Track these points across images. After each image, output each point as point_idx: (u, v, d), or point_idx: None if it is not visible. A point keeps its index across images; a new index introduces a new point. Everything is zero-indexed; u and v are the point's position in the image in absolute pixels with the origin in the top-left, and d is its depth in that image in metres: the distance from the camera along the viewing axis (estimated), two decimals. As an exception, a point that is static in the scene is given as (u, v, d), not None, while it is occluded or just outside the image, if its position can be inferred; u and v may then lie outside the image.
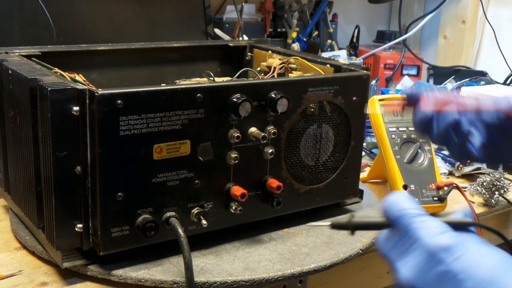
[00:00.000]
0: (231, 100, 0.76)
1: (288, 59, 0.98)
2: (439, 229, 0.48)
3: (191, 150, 0.75)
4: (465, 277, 0.44)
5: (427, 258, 0.47)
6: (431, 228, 0.48)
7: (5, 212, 0.94)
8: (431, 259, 0.46)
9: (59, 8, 1.25)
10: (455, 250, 0.46)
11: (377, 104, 1.04)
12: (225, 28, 1.60)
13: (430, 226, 0.48)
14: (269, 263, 0.78)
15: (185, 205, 0.77)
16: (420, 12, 2.08)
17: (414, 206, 0.51)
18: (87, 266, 0.75)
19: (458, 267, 0.45)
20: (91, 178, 0.71)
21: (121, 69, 1.02)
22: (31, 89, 0.72)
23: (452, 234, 0.47)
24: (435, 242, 0.47)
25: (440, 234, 0.47)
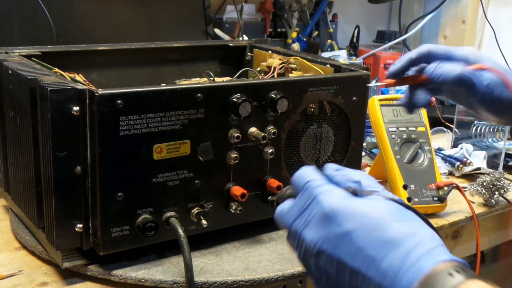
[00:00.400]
0: (231, 100, 0.76)
1: (288, 59, 0.98)
2: (340, 194, 0.52)
3: (191, 150, 0.75)
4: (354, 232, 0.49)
5: (327, 221, 0.51)
6: (333, 194, 0.52)
7: (5, 212, 0.94)
8: (331, 221, 0.50)
9: (59, 8, 1.25)
10: (349, 211, 0.50)
11: (377, 104, 1.04)
12: (225, 28, 1.60)
13: (333, 192, 0.52)
14: (269, 263, 0.78)
15: (185, 205, 0.77)
16: (420, 12, 2.08)
17: (319, 177, 0.55)
18: (87, 266, 0.75)
19: (350, 227, 0.49)
20: (91, 178, 0.71)
21: (121, 69, 1.02)
22: (31, 89, 0.72)
23: (350, 199, 0.51)
24: (334, 206, 0.51)
25: (340, 199, 0.51)
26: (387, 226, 0.49)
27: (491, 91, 0.72)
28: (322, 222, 0.51)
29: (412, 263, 0.46)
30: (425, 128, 1.03)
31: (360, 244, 0.49)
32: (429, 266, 0.45)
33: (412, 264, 0.46)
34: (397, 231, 0.48)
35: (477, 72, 0.72)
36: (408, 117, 1.05)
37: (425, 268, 0.45)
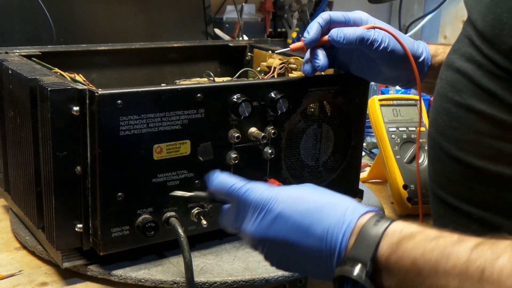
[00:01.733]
0: (231, 100, 0.76)
1: (288, 59, 0.98)
2: (262, 187, 0.60)
3: (191, 150, 0.75)
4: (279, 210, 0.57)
5: (259, 212, 0.58)
6: (256, 189, 0.60)
7: (5, 212, 0.94)
8: (261, 211, 0.58)
9: (59, 8, 1.25)
10: (274, 197, 0.58)
11: (377, 104, 1.04)
12: (225, 28, 1.60)
13: (255, 187, 0.61)
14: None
15: (185, 205, 0.77)
16: (420, 12, 2.08)
17: (238, 180, 0.63)
18: (87, 266, 0.75)
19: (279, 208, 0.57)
20: (91, 178, 0.71)
21: (121, 69, 1.02)
22: (31, 89, 0.72)
23: (272, 188, 0.60)
24: (260, 197, 0.59)
25: (263, 190, 0.59)
26: (311, 198, 0.57)
27: (386, 46, 0.80)
28: (255, 215, 0.59)
29: (341, 221, 0.54)
30: (425, 128, 1.03)
31: (292, 219, 0.56)
32: (354, 220, 0.54)
33: (342, 222, 0.54)
34: (320, 200, 0.57)
35: (372, 31, 0.80)
36: (408, 117, 1.05)
37: (352, 223, 0.54)
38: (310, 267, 0.57)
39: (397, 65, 0.83)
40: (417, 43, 0.85)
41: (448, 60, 0.71)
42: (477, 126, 0.64)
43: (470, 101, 0.65)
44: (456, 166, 0.67)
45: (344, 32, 0.79)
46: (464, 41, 0.67)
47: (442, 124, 0.69)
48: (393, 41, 0.81)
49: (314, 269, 0.57)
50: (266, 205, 0.58)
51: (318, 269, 0.56)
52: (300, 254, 0.56)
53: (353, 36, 0.79)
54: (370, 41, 0.79)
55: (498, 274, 0.45)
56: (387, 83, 1.06)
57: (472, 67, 0.65)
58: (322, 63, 0.80)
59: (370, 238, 0.52)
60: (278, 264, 0.60)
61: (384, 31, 0.81)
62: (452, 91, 0.68)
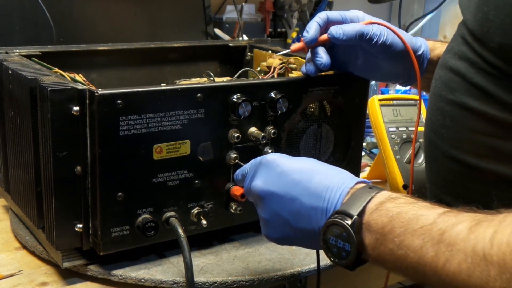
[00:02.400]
0: (231, 100, 0.76)
1: (288, 59, 0.98)
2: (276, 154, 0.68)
3: (191, 150, 0.75)
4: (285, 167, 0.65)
5: (268, 167, 0.66)
6: (270, 154, 0.68)
7: (5, 212, 0.94)
8: (270, 166, 0.66)
9: (59, 8, 1.25)
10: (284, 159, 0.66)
11: (377, 104, 1.04)
12: (225, 28, 1.60)
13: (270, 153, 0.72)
14: (269, 263, 0.78)
15: (185, 205, 0.77)
16: (420, 12, 2.08)
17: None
18: (87, 266, 0.75)
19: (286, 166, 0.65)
20: (91, 178, 0.71)
21: (121, 69, 1.02)
22: (31, 89, 0.72)
23: (276, 154, 0.68)
24: (272, 156, 0.67)
25: (276, 154, 0.68)
26: (314, 164, 0.65)
27: (385, 39, 0.81)
28: (264, 170, 0.66)
29: (340, 183, 0.61)
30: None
31: (295, 176, 0.63)
32: (352, 184, 0.60)
33: (341, 183, 0.61)
34: (322, 166, 0.64)
35: (370, 26, 0.81)
36: (408, 117, 1.05)
37: (349, 185, 0.60)
38: (303, 224, 0.62)
39: (397, 59, 0.84)
40: (415, 38, 0.86)
41: (443, 60, 0.71)
42: (470, 124, 0.65)
43: (463, 99, 0.65)
44: (452, 165, 0.68)
45: (343, 28, 0.80)
46: (457, 40, 0.68)
47: (437, 123, 0.70)
48: (391, 35, 0.81)
49: (305, 226, 0.62)
50: (275, 162, 0.66)
51: (309, 228, 0.61)
52: (297, 209, 0.62)
53: (352, 32, 0.79)
54: (369, 35, 0.80)
55: (455, 237, 0.50)
56: (387, 81, 1.06)
57: (465, 65, 0.65)
58: (324, 60, 0.81)
59: (362, 198, 0.58)
60: (272, 221, 0.65)
61: (382, 26, 0.81)
62: (446, 90, 0.68)
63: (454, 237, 0.50)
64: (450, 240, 0.50)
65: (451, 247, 0.50)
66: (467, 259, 0.48)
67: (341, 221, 0.57)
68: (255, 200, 0.68)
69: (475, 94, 0.64)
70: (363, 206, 0.57)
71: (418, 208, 0.55)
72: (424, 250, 0.52)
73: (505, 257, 0.46)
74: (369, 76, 0.89)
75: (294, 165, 0.65)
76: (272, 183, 0.65)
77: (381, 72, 0.86)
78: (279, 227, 0.65)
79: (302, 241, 0.64)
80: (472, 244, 0.49)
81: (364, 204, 0.57)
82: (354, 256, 0.57)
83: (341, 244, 0.57)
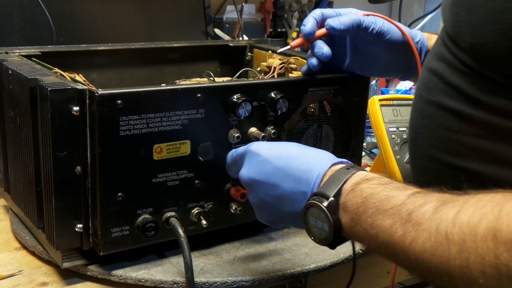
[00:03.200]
0: (231, 100, 0.76)
1: (288, 59, 0.98)
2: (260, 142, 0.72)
3: (191, 150, 0.75)
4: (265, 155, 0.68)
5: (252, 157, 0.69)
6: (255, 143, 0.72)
7: (5, 212, 0.94)
8: (254, 155, 0.69)
9: (59, 8, 1.25)
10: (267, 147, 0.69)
11: (377, 104, 1.04)
12: (225, 28, 1.60)
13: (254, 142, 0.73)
14: (269, 263, 0.78)
15: (185, 205, 0.77)
16: (420, 12, 2.08)
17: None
18: (87, 266, 0.75)
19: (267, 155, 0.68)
20: (91, 178, 0.71)
21: (121, 69, 1.02)
22: (31, 89, 0.72)
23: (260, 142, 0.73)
24: (255, 146, 0.70)
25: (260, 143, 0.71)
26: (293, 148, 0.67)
27: (382, 27, 0.82)
28: (249, 159, 0.70)
29: (317, 165, 0.63)
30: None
31: (275, 163, 0.66)
32: (328, 166, 0.63)
33: (318, 166, 0.63)
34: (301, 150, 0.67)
35: (366, 16, 0.82)
36: (408, 117, 1.05)
37: (326, 167, 0.62)
38: (287, 208, 0.65)
39: (396, 50, 0.84)
40: (410, 29, 0.87)
41: (425, 61, 0.73)
42: (446, 123, 0.66)
43: (440, 98, 0.67)
44: (430, 164, 0.69)
45: (340, 19, 0.81)
46: (438, 42, 0.70)
47: (417, 123, 0.72)
48: (387, 24, 0.83)
49: (290, 209, 0.65)
50: (258, 151, 0.69)
51: (293, 211, 0.64)
52: (279, 194, 0.65)
53: (349, 21, 0.81)
54: (366, 24, 0.81)
55: (421, 217, 0.52)
56: (388, 75, 1.05)
57: (443, 66, 0.67)
58: (324, 51, 0.82)
59: (338, 180, 0.60)
60: (261, 206, 0.69)
61: (378, 17, 0.83)
62: (425, 90, 0.70)
63: (421, 217, 0.52)
64: (416, 220, 0.52)
65: (417, 226, 0.51)
66: (431, 238, 0.50)
67: (318, 203, 0.59)
68: (245, 187, 0.72)
69: (451, 94, 0.65)
70: (339, 188, 0.59)
71: (390, 189, 0.57)
72: (393, 229, 0.53)
73: (465, 237, 0.48)
74: (369, 71, 0.89)
75: (274, 152, 0.67)
76: (255, 171, 0.68)
77: (380, 65, 0.87)
78: (268, 211, 0.69)
79: (291, 223, 0.68)
80: (436, 223, 0.50)
81: (340, 185, 0.59)
82: (331, 236, 0.59)
83: (320, 224, 0.60)
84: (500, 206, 0.47)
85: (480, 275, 0.47)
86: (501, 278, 0.46)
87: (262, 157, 0.68)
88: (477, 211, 0.48)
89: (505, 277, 0.46)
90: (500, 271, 0.46)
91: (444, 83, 0.67)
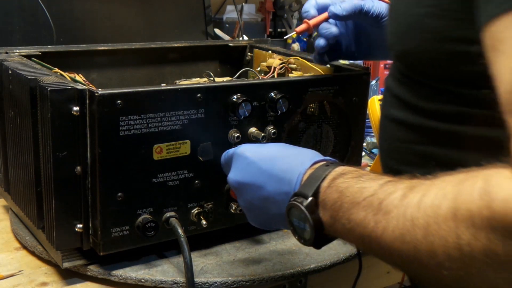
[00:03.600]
0: (231, 100, 0.76)
1: (288, 59, 0.98)
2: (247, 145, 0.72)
3: (191, 150, 0.75)
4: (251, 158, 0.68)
5: (238, 159, 0.70)
6: (242, 146, 0.71)
7: (5, 212, 0.94)
8: (240, 158, 0.69)
9: (59, 8, 1.25)
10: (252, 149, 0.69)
11: (377, 104, 1.04)
12: (225, 28, 1.60)
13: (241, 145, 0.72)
14: (269, 263, 0.78)
15: (185, 205, 0.77)
16: None
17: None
18: (87, 266, 0.75)
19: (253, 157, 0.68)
20: (91, 178, 0.71)
21: (121, 69, 1.02)
22: (31, 89, 0.72)
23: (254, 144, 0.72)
24: (241, 149, 0.70)
25: (246, 145, 0.71)
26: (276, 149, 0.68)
27: (381, 12, 0.82)
28: (235, 162, 0.70)
29: (298, 165, 0.63)
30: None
31: (259, 165, 0.66)
32: (309, 164, 0.62)
33: (299, 166, 0.62)
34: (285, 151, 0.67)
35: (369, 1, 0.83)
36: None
37: (307, 166, 0.62)
38: (274, 210, 0.64)
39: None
40: None
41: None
42: (396, 134, 0.68)
43: (390, 111, 0.70)
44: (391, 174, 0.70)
45: (342, 5, 0.82)
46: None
47: (379, 137, 0.75)
48: (385, 6, 0.84)
49: (276, 211, 0.64)
50: (243, 154, 0.69)
51: (279, 213, 0.63)
52: (265, 196, 0.65)
53: (351, 7, 0.82)
54: (366, 8, 0.82)
55: (390, 205, 0.51)
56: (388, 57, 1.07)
57: (391, 79, 0.70)
58: (332, 30, 0.83)
59: (317, 177, 0.59)
60: (250, 209, 0.69)
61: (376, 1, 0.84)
62: (382, 106, 0.74)
63: (390, 205, 0.51)
64: (386, 209, 0.51)
65: (387, 215, 0.51)
66: (399, 225, 0.50)
67: (298, 203, 0.59)
68: (234, 190, 0.71)
69: (396, 105, 0.68)
70: (317, 186, 0.58)
71: (363, 180, 0.56)
72: (366, 221, 0.53)
73: (429, 220, 0.47)
74: (373, 55, 0.91)
75: (259, 155, 0.67)
76: (241, 174, 0.68)
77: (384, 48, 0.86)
78: (257, 214, 0.69)
79: (280, 224, 0.67)
80: (403, 210, 0.50)
81: (318, 183, 0.59)
82: (313, 236, 0.59)
83: (302, 225, 0.60)
84: (460, 185, 0.46)
85: (445, 257, 0.46)
86: (464, 259, 0.45)
87: (248, 159, 0.68)
88: (440, 192, 0.48)
89: (468, 258, 0.45)
90: (463, 252, 0.45)
91: (391, 95, 0.69)
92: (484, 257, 0.44)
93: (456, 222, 0.45)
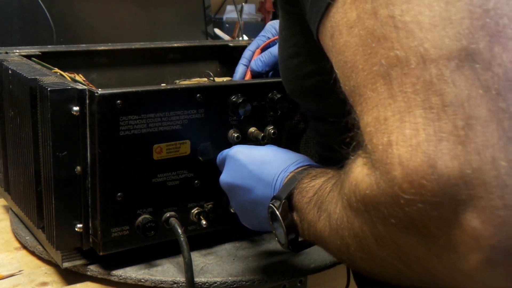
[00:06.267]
0: (231, 100, 0.76)
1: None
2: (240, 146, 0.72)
3: (191, 150, 0.75)
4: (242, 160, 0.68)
5: (230, 161, 0.70)
6: (235, 147, 0.72)
7: (5, 212, 0.94)
8: (232, 160, 0.70)
9: (59, 8, 1.25)
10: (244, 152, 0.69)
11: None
12: (225, 28, 1.60)
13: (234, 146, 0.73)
14: (269, 263, 0.78)
15: (185, 205, 0.77)
16: None
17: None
18: (87, 266, 0.75)
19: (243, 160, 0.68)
20: (91, 178, 0.71)
21: (121, 69, 1.02)
22: (31, 89, 0.72)
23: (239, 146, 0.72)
24: (234, 150, 0.71)
25: (239, 147, 0.71)
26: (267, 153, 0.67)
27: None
28: (227, 164, 0.70)
29: (284, 169, 0.62)
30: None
31: (249, 168, 0.66)
32: (292, 169, 0.62)
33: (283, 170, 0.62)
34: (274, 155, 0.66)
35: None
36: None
37: (290, 170, 0.62)
38: (263, 213, 0.63)
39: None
40: None
41: None
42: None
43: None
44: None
45: (261, 59, 0.89)
46: None
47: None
48: None
49: (265, 215, 0.63)
50: (235, 156, 0.69)
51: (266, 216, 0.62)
52: (253, 199, 0.65)
53: (271, 60, 0.88)
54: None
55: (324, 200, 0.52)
56: None
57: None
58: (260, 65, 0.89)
59: (293, 181, 0.59)
60: (241, 211, 0.70)
61: None
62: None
63: (325, 201, 0.52)
64: (321, 206, 0.53)
65: (323, 212, 0.52)
66: (329, 219, 0.51)
67: (273, 206, 0.59)
68: (226, 192, 0.72)
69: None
70: (291, 189, 0.59)
71: (315, 178, 0.57)
72: (314, 221, 0.54)
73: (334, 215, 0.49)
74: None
75: (250, 158, 0.68)
76: (232, 176, 0.69)
77: None
78: (247, 216, 0.69)
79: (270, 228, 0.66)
80: (328, 203, 0.51)
81: (292, 187, 0.59)
82: (285, 239, 0.59)
83: (278, 228, 0.60)
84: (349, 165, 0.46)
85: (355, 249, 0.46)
86: (363, 247, 0.45)
87: (239, 162, 0.68)
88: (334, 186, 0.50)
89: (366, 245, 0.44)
90: (359, 239, 0.45)
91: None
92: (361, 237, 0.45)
93: (346, 209, 0.46)
